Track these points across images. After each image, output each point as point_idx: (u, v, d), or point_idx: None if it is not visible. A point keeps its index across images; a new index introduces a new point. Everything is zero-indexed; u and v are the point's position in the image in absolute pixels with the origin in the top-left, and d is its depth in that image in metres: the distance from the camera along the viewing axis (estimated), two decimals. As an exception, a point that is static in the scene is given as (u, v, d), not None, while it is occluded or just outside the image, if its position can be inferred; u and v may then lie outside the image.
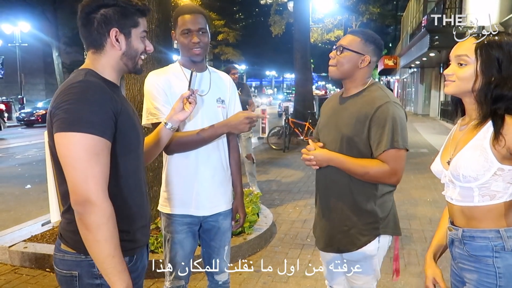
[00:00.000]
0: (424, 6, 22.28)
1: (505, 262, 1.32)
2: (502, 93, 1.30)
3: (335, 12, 25.29)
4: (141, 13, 1.40)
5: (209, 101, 2.02)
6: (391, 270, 2.05)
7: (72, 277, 1.31)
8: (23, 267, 3.53)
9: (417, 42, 17.34)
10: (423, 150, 10.15)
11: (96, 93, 1.24)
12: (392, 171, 1.72)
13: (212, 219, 2.06)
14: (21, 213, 5.28)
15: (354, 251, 1.84)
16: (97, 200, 1.18)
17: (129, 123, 1.35)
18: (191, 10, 1.96)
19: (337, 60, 1.80)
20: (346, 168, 1.76)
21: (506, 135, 1.27)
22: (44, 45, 26.85)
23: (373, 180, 1.77)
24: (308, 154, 1.81)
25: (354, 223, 1.82)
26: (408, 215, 4.96)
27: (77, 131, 1.18)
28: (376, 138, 1.72)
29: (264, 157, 9.27)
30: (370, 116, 1.72)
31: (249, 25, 39.30)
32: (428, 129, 15.02)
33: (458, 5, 14.77)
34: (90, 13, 1.32)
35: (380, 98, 1.75)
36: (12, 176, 7.81)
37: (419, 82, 24.80)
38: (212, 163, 2.01)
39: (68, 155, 1.19)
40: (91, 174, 1.18)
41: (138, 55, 1.42)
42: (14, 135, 15.59)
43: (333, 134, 1.84)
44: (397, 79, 36.88)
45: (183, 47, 1.95)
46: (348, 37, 1.82)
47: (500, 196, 1.32)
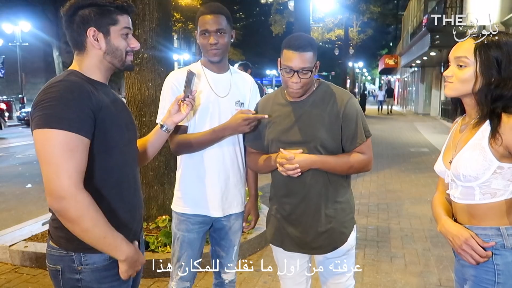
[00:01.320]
0: (425, 5, 22.24)
1: (504, 260, 1.33)
2: (502, 93, 1.31)
3: (336, 11, 25.25)
4: (121, 10, 1.40)
5: (227, 104, 1.99)
6: (392, 269, 2.04)
7: (57, 271, 1.37)
8: (23, 266, 3.53)
9: (418, 41, 17.33)
10: (423, 149, 10.14)
11: (74, 92, 1.27)
12: (370, 158, 1.83)
13: (224, 219, 2.05)
14: (21, 212, 5.28)
15: (341, 246, 1.86)
16: (70, 194, 1.21)
17: (112, 120, 1.37)
18: (211, 10, 1.93)
19: (303, 83, 1.73)
20: (331, 167, 1.77)
21: (503, 134, 1.28)
22: (45, 45, 26.84)
23: (355, 171, 1.84)
24: (292, 163, 1.71)
25: (338, 219, 1.84)
26: (408, 214, 4.96)
27: (52, 127, 1.22)
28: (350, 133, 1.78)
29: (264, 156, 9.27)
30: (341, 113, 1.77)
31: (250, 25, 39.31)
32: (429, 129, 15.01)
33: (459, 4, 14.75)
34: (70, 16, 1.36)
35: (343, 95, 1.82)
36: (13, 175, 7.81)
37: (420, 81, 24.77)
38: (227, 164, 2.00)
39: (42, 150, 1.23)
40: (64, 169, 1.21)
41: (123, 52, 1.42)
42: (15, 134, 15.60)
43: (301, 141, 1.78)
44: (397, 79, 36.85)
45: (202, 47, 1.95)
46: (304, 56, 1.69)
47: (501, 194, 1.33)
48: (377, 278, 3.31)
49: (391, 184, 6.60)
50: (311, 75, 1.74)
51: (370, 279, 3.28)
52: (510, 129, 1.27)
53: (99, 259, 1.37)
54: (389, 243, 4.07)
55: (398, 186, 6.43)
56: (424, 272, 3.41)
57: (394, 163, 8.28)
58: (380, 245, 4.02)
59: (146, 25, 3.63)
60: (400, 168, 7.73)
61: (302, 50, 1.69)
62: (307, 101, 1.82)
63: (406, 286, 3.19)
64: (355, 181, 6.76)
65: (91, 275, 1.36)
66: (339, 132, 1.77)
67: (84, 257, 1.35)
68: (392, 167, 7.77)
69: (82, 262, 1.35)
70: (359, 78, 57.91)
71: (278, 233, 1.93)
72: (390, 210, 5.18)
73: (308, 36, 1.79)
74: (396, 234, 4.32)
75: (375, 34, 36.57)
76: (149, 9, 3.63)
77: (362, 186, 6.43)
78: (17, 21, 23.46)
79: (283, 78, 1.78)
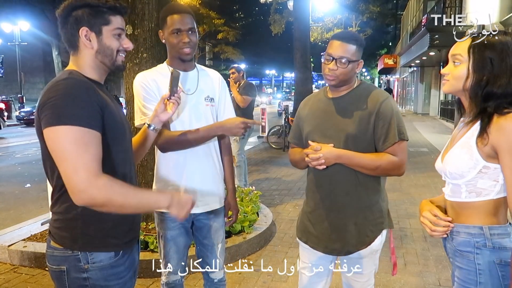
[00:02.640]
0: (424, 5, 22.27)
1: (485, 259, 1.34)
2: (492, 90, 1.32)
3: (335, 11, 25.29)
4: (113, 10, 1.41)
5: (196, 100, 2.02)
6: (390, 268, 2.05)
7: (61, 272, 1.36)
8: (22, 266, 3.53)
9: (417, 41, 17.33)
10: (423, 149, 10.15)
11: (81, 89, 1.29)
12: (401, 162, 1.78)
13: (203, 217, 2.07)
14: (20, 212, 5.27)
15: (362, 249, 1.85)
16: (90, 184, 1.22)
17: (114, 118, 1.39)
18: (180, 10, 1.96)
19: (340, 72, 1.78)
20: (356, 163, 1.76)
21: (490, 133, 1.28)
22: (44, 44, 26.84)
23: (383, 173, 1.80)
24: (316, 153, 1.74)
25: (363, 220, 1.83)
26: (407, 214, 4.96)
27: (64, 124, 1.22)
28: (383, 132, 1.76)
29: (263, 156, 9.28)
30: (374, 112, 1.77)
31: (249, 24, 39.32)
32: (428, 128, 15.02)
33: (458, 4, 14.76)
34: (65, 17, 1.38)
35: (380, 95, 1.82)
36: (12, 175, 7.81)
37: (419, 81, 24.79)
38: (203, 160, 2.02)
39: (57, 148, 1.24)
40: (81, 163, 1.22)
41: (114, 52, 1.43)
42: (14, 134, 15.59)
43: (335, 135, 1.81)
44: (397, 78, 36.87)
45: (173, 46, 1.96)
46: (346, 47, 1.77)
47: (487, 193, 1.34)
48: (377, 278, 3.30)
49: (390, 183, 6.60)
50: (349, 66, 1.78)
51: (370, 279, 3.28)
52: (498, 129, 1.27)
53: (106, 256, 1.38)
54: (388, 243, 4.06)
55: (397, 185, 6.43)
56: (423, 272, 3.41)
57: (393, 162, 8.28)
58: (379, 244, 4.02)
59: (145, 24, 3.63)
60: (399, 168, 7.73)
61: (345, 41, 1.78)
62: (345, 97, 1.86)
63: (405, 286, 3.19)
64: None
65: (98, 273, 1.36)
66: (371, 131, 1.77)
67: (91, 256, 1.35)
68: (391, 167, 7.77)
69: (89, 261, 1.35)
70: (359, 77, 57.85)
71: (304, 229, 1.97)
72: (390, 209, 5.17)
73: (356, 33, 1.90)
74: (395, 234, 4.33)
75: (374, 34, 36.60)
76: (149, 8, 3.63)
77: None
78: (16, 20, 23.44)
79: (322, 66, 1.84)
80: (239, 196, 4.51)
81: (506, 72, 1.31)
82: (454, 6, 15.18)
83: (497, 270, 1.33)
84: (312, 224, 1.92)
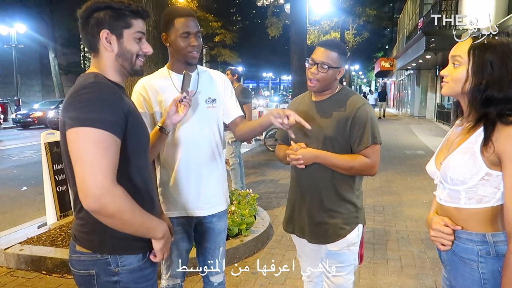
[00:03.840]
0: (420, 8, 22.37)
1: (490, 268, 1.30)
2: (492, 95, 1.28)
3: (332, 14, 25.36)
4: (135, 14, 1.41)
5: (197, 102, 2.00)
6: (387, 271, 2.06)
7: (90, 276, 1.36)
8: (19, 269, 3.51)
9: (413, 44, 17.41)
10: (419, 152, 10.18)
11: (107, 94, 1.29)
12: (374, 163, 1.92)
13: (206, 220, 2.06)
14: (17, 215, 5.25)
15: (340, 240, 1.96)
16: (107, 191, 1.21)
17: (138, 123, 1.40)
18: (188, 13, 1.95)
19: (320, 76, 1.91)
20: (332, 163, 1.90)
21: (495, 142, 1.25)
22: (41, 47, 26.76)
23: (356, 173, 1.94)
24: (296, 153, 1.91)
25: (339, 213, 1.97)
26: (404, 217, 4.98)
27: (87, 125, 1.22)
28: (358, 135, 1.90)
29: (261, 158, 9.28)
30: (351, 117, 1.91)
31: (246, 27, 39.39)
32: (424, 131, 15.08)
33: (454, 7, 14.85)
34: (86, 18, 1.38)
35: (357, 101, 1.96)
36: (8, 178, 7.77)
37: (416, 84, 24.88)
38: (205, 163, 2.01)
39: (77, 149, 1.22)
40: (99, 167, 1.21)
41: (134, 56, 1.42)
42: (10, 136, 15.52)
43: (315, 135, 1.94)
44: (393, 81, 37.01)
45: (180, 50, 1.93)
46: (328, 53, 1.90)
47: (487, 200, 1.30)
48: (373, 280, 3.32)
49: (387, 186, 6.62)
50: (329, 72, 1.90)
51: (366, 281, 3.28)
52: (504, 138, 1.24)
53: (135, 259, 1.39)
54: (385, 245, 4.08)
55: (394, 188, 6.45)
56: (420, 274, 3.42)
57: (390, 165, 8.31)
58: (376, 247, 4.03)
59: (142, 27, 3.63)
60: (396, 171, 7.76)
61: (328, 48, 1.91)
62: (326, 101, 1.99)
63: (402, 288, 3.20)
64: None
65: (128, 276, 1.37)
66: (348, 134, 1.91)
67: (121, 259, 1.35)
68: (388, 170, 7.80)
69: (119, 264, 1.35)
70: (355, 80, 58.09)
71: (290, 220, 2.13)
72: (386, 212, 5.20)
73: (340, 42, 2.04)
74: (392, 236, 4.34)
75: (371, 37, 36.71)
76: (146, 12, 3.63)
77: (358, 189, 6.44)
78: (12, 23, 23.38)
79: (306, 71, 1.97)
80: (236, 199, 4.51)
81: (506, 76, 1.27)
82: (450, 10, 15.26)
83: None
84: (296, 216, 2.08)
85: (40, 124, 18.49)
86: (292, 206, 2.10)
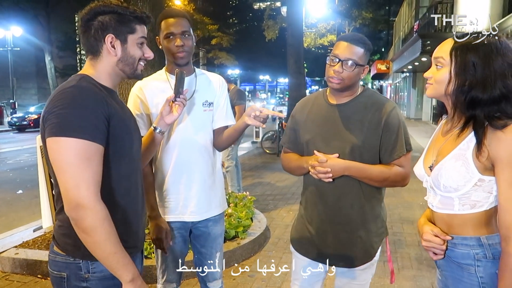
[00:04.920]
0: (416, 11, 22.51)
1: (487, 271, 1.29)
2: (477, 95, 1.25)
3: (328, 17, 25.44)
4: (139, 20, 1.42)
5: (194, 105, 1.99)
6: (384, 273, 2.05)
7: (62, 278, 1.35)
8: (14, 273, 3.49)
9: (409, 47, 17.50)
10: (415, 154, 10.13)
11: (87, 98, 1.27)
12: (407, 173, 1.74)
13: (201, 225, 2.05)
14: (12, 219, 5.21)
15: (369, 261, 1.80)
16: (89, 204, 1.20)
17: (123, 128, 1.37)
18: (174, 14, 1.95)
19: (346, 75, 1.68)
20: (365, 175, 1.69)
21: (488, 146, 1.22)
22: (37, 50, 26.69)
23: (389, 184, 1.76)
24: (324, 166, 1.64)
25: (368, 233, 1.78)
26: (401, 219, 4.98)
27: (68, 136, 1.21)
28: (390, 143, 1.70)
29: (257, 161, 9.28)
30: (382, 122, 1.70)
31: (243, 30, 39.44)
32: (421, 133, 15.12)
33: (449, 11, 14.94)
34: (89, 21, 1.37)
35: (388, 104, 1.75)
36: (4, 181, 7.73)
37: (412, 86, 24.98)
38: (200, 168, 1.99)
39: (59, 159, 1.22)
40: (82, 178, 1.20)
41: (136, 61, 1.44)
42: (6, 139, 15.43)
43: (338, 145, 1.72)
44: (389, 84, 37.14)
45: (167, 51, 1.94)
46: (353, 49, 1.68)
47: (481, 205, 1.29)
48: (370, 282, 3.31)
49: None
50: (355, 70, 1.68)
51: (364, 284, 3.28)
52: (497, 143, 1.21)
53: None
54: (382, 247, 4.08)
55: (390, 190, 6.44)
56: (417, 276, 3.42)
57: (387, 167, 8.32)
58: (373, 249, 4.02)
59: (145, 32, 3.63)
60: (393, 173, 7.77)
61: (353, 43, 1.69)
62: (349, 105, 1.76)
63: (399, 291, 3.20)
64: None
65: (98, 283, 1.34)
66: (378, 142, 1.71)
67: (92, 265, 1.33)
68: (384, 172, 7.81)
69: (90, 270, 1.33)
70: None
71: (304, 241, 1.87)
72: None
73: (363, 36, 1.78)
74: (388, 238, 4.33)
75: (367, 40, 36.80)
76: (142, 14, 3.63)
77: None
78: (8, 26, 23.33)
79: (327, 69, 1.73)
80: (233, 201, 4.50)
81: (490, 76, 1.23)
82: (446, 12, 15.35)
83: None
84: (314, 237, 1.83)
85: (36, 127, 18.39)
86: (310, 225, 1.83)
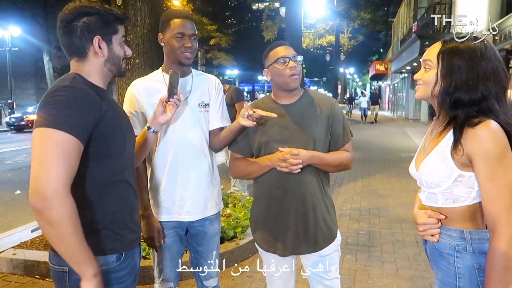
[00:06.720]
0: (415, 12, 22.57)
1: (465, 263, 1.34)
2: (460, 97, 1.31)
3: (327, 18, 25.51)
4: (120, 20, 1.46)
5: (190, 105, 2.00)
6: (384, 273, 2.05)
7: (63, 273, 1.36)
8: (12, 274, 3.48)
9: (407, 47, 17.55)
10: (414, 154, 10.20)
11: (79, 99, 1.29)
12: (352, 156, 1.99)
13: (198, 224, 2.06)
14: (10, 219, 5.21)
15: (332, 243, 1.94)
16: (58, 195, 1.19)
17: (114, 127, 1.39)
18: (184, 15, 1.99)
19: (298, 69, 1.88)
20: (325, 162, 1.88)
21: (464, 144, 1.27)
22: (35, 50, 26.64)
23: (342, 168, 1.96)
24: (296, 157, 1.76)
25: (328, 216, 1.94)
26: (399, 219, 4.99)
27: (52, 127, 1.22)
28: (338, 132, 1.93)
29: (256, 161, 9.27)
30: (331, 115, 1.92)
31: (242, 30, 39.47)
32: (419, 134, 15.14)
33: (448, 11, 14.98)
34: (71, 22, 1.37)
35: (330, 98, 2.03)
36: (2, 181, 7.71)
37: (410, 87, 24.99)
38: (195, 169, 2.00)
39: (38, 147, 1.23)
40: (55, 168, 1.20)
41: (121, 60, 1.48)
42: (4, 140, 15.41)
43: (294, 141, 1.84)
44: (388, 84, 37.20)
45: (173, 50, 1.95)
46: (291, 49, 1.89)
47: (463, 200, 1.34)
48: (369, 283, 3.32)
49: (382, 189, 6.64)
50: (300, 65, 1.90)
51: (362, 284, 3.29)
52: (471, 139, 1.26)
53: (108, 261, 1.38)
54: (381, 248, 4.09)
55: (389, 191, 6.47)
56: (416, 276, 3.42)
57: (385, 168, 8.34)
58: (371, 250, 4.03)
59: (138, 30, 3.63)
60: (391, 173, 7.78)
61: (286, 45, 1.92)
62: (297, 104, 1.93)
63: (397, 291, 3.20)
64: (347, 186, 6.79)
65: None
66: (329, 132, 1.91)
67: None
68: (383, 172, 7.82)
69: None
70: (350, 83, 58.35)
71: (272, 239, 1.93)
72: (381, 215, 5.21)
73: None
74: (387, 239, 4.34)
75: (366, 40, 36.97)
76: (141, 14, 3.63)
77: (354, 191, 6.46)
78: (7, 26, 23.28)
79: (279, 72, 1.86)
80: (232, 202, 4.50)
81: (473, 79, 1.29)
82: (444, 13, 15.40)
83: (477, 275, 1.32)
84: (279, 231, 1.90)
85: (34, 127, 18.40)
86: (274, 219, 1.90)
